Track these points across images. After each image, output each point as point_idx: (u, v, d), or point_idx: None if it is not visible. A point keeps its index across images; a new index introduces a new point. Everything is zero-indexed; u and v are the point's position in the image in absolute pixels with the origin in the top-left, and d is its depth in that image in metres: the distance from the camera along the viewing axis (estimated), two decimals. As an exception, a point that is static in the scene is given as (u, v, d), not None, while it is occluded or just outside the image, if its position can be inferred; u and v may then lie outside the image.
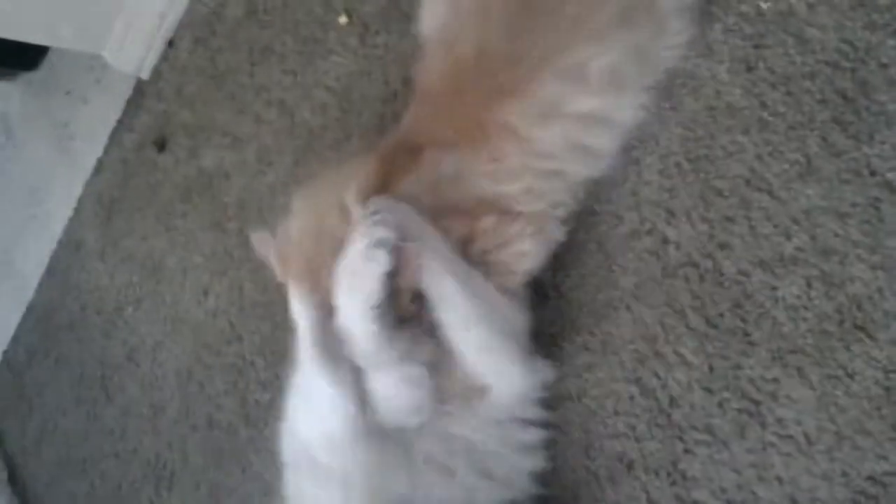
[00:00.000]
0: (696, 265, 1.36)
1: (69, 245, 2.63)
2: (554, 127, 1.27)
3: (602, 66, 1.24)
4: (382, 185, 1.27)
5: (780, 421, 1.25)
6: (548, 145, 1.28)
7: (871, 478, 1.16)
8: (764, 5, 1.36)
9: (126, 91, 2.52)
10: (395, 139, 1.42)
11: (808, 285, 1.25)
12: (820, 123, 1.28)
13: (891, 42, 1.25)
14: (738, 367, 1.29)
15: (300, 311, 1.28)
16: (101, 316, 2.45)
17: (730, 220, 1.33)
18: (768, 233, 1.30)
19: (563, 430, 1.45)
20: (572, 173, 1.35)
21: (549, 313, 1.50)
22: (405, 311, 1.25)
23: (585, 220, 1.48)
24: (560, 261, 1.49)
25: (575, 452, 1.44)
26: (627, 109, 1.34)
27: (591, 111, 1.28)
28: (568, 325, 1.48)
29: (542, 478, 1.42)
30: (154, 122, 2.42)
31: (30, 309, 2.76)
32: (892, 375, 1.17)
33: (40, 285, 2.72)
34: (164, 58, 2.43)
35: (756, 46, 1.35)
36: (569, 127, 1.28)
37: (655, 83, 1.37)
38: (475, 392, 1.30)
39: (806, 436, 1.22)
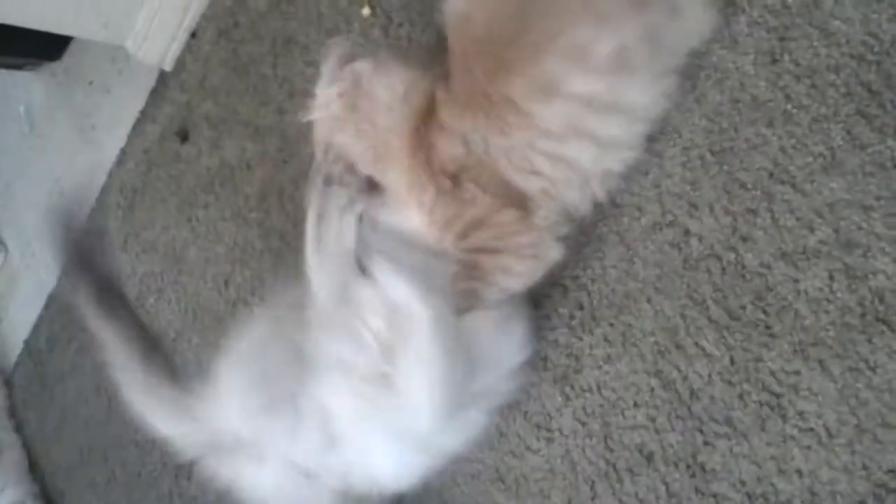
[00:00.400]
0: (718, 257, 1.35)
1: (92, 234, 2.64)
2: (555, 105, 1.24)
3: (608, 48, 1.21)
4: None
5: (800, 414, 1.24)
6: (549, 124, 1.25)
7: (891, 471, 1.16)
8: (789, -3, 1.36)
9: (149, 82, 2.53)
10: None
11: (831, 278, 1.25)
12: (844, 116, 1.27)
13: (917, 35, 1.25)
14: (760, 359, 1.29)
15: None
16: (123, 304, 2.46)
17: (753, 212, 1.33)
18: (791, 225, 1.29)
19: (582, 422, 1.45)
20: (579, 162, 1.31)
21: (570, 305, 1.50)
22: None
23: (607, 212, 1.48)
24: (581, 252, 1.49)
25: (595, 444, 1.44)
26: (638, 94, 1.30)
27: (595, 93, 1.24)
28: (588, 317, 1.48)
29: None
30: (177, 113, 2.43)
31: (51, 298, 2.78)
32: (914, 368, 1.17)
33: (62, 275, 2.73)
34: (188, 49, 2.44)
35: (781, 39, 1.35)
36: (570, 107, 1.25)
37: (675, 70, 1.35)
38: None
39: (827, 429, 1.22)
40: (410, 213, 1.35)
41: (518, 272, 1.39)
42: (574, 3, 1.22)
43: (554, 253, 1.39)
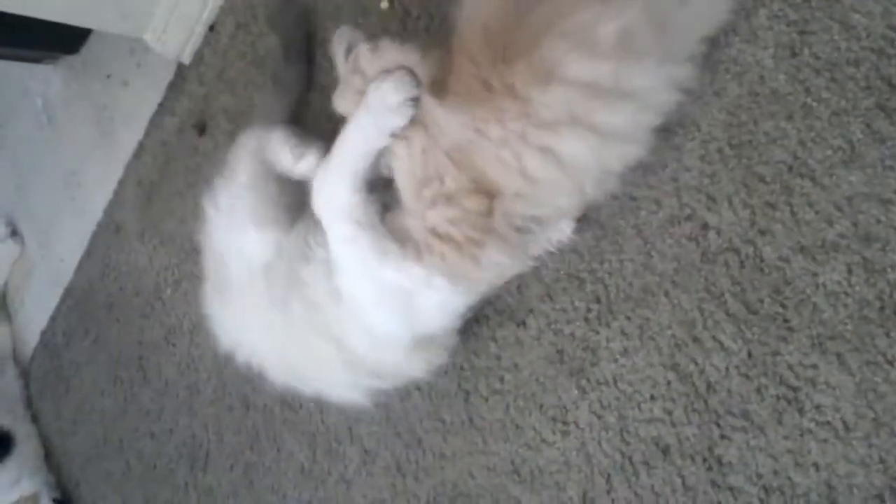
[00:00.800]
0: (736, 251, 1.35)
1: (108, 227, 2.65)
2: (553, 90, 1.21)
3: (611, 30, 1.19)
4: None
5: (818, 407, 1.24)
6: (545, 111, 1.23)
7: (909, 464, 1.16)
8: (809, -9, 1.36)
9: (167, 75, 2.53)
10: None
11: (849, 272, 1.25)
12: (864, 110, 1.27)
13: (938, 29, 1.25)
14: (777, 353, 1.29)
15: None
16: (140, 297, 2.48)
17: (771, 206, 1.33)
18: (810, 219, 1.29)
19: (598, 415, 1.46)
20: (574, 159, 1.27)
21: (586, 298, 1.50)
22: None
23: (624, 206, 1.48)
24: (598, 246, 1.50)
25: (610, 436, 1.44)
26: (644, 81, 1.26)
27: (597, 78, 1.21)
28: (605, 310, 1.48)
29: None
30: (194, 106, 2.43)
31: (68, 290, 2.79)
32: (932, 363, 1.17)
33: (79, 267, 2.75)
34: (206, 42, 2.44)
35: (801, 32, 1.35)
36: (570, 93, 1.22)
37: (688, 57, 1.32)
38: None
39: (844, 422, 1.22)
40: (397, 160, 1.35)
41: (453, 266, 1.34)
42: None
43: (522, 257, 1.43)
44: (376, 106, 1.26)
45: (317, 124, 1.99)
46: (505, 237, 1.34)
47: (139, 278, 2.49)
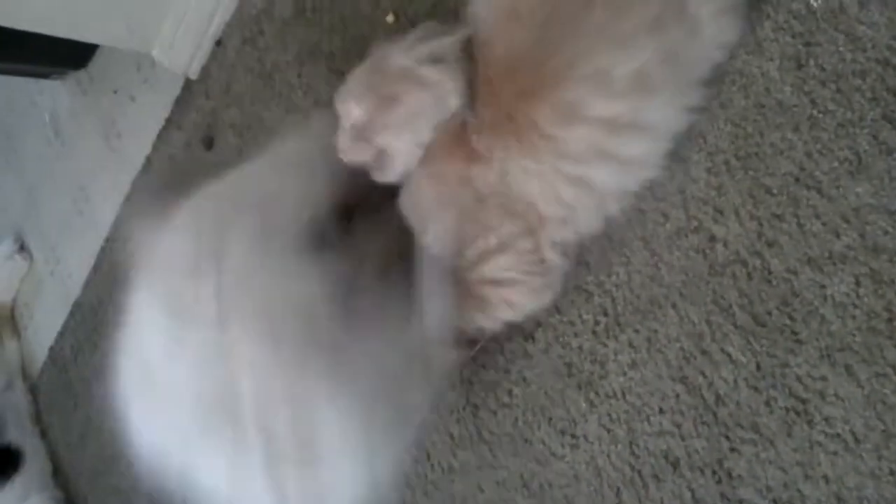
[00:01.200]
0: (743, 263, 1.35)
1: (116, 242, 2.66)
2: (577, 129, 1.26)
3: (627, 71, 1.22)
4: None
5: (827, 419, 1.24)
6: (573, 147, 1.27)
7: (920, 477, 1.16)
8: (814, 3, 1.35)
9: (174, 89, 2.54)
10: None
11: (857, 283, 1.25)
12: (870, 121, 1.27)
13: (944, 39, 1.25)
14: (786, 365, 1.29)
15: None
16: (148, 312, 2.48)
17: (778, 217, 1.33)
18: (817, 230, 1.29)
19: (607, 428, 1.45)
20: (600, 184, 1.33)
21: (594, 310, 1.50)
22: None
23: (631, 218, 1.48)
24: (606, 258, 1.50)
25: (619, 450, 1.44)
26: (659, 114, 1.31)
27: (616, 116, 1.25)
28: (612, 323, 1.48)
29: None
30: (202, 121, 2.44)
31: (77, 305, 2.79)
32: (942, 374, 1.17)
33: (87, 282, 2.76)
34: (213, 57, 2.45)
35: (806, 44, 1.35)
36: (593, 131, 1.26)
37: (698, 83, 1.35)
38: None
39: (853, 434, 1.21)
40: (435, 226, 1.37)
41: (519, 304, 1.44)
42: (593, 27, 1.23)
43: (551, 289, 1.45)
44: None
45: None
46: (555, 264, 1.42)
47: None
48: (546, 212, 1.34)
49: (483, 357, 1.62)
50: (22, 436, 2.74)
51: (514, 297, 1.41)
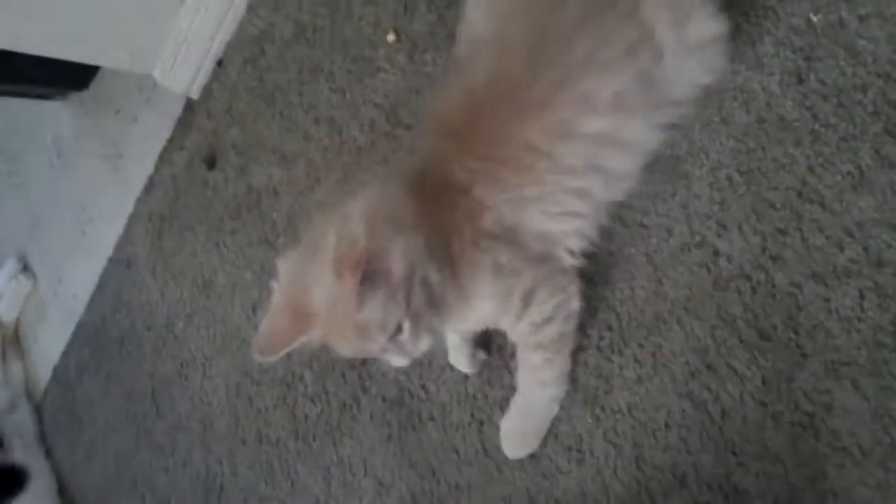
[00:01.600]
0: (748, 277, 1.36)
1: (120, 262, 2.67)
2: (572, 145, 1.29)
3: (606, 94, 1.27)
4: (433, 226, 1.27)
5: (833, 433, 1.24)
6: (571, 161, 1.30)
7: (927, 489, 1.16)
8: (814, 17, 1.37)
9: (176, 110, 2.55)
10: (419, 172, 1.39)
11: (862, 297, 1.25)
12: (872, 135, 1.28)
13: (944, 53, 1.25)
14: (792, 379, 1.29)
15: None
16: (152, 332, 2.49)
17: (782, 232, 1.33)
18: (821, 244, 1.30)
19: (614, 443, 1.45)
20: (597, 195, 1.36)
21: (599, 326, 1.51)
22: None
23: (635, 233, 1.48)
24: (609, 274, 1.50)
25: (626, 465, 1.44)
26: (637, 132, 1.34)
27: (604, 132, 1.29)
28: (617, 338, 1.49)
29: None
30: (204, 141, 2.45)
31: (80, 325, 2.80)
32: (947, 387, 1.17)
33: (91, 302, 2.76)
34: (214, 77, 2.46)
35: (807, 59, 1.36)
36: (586, 146, 1.30)
37: (678, 101, 1.37)
38: None
39: (860, 447, 1.22)
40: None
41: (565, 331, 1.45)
42: (577, 54, 1.26)
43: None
44: None
45: (325, 165, 2.00)
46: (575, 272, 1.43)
47: (151, 313, 2.50)
48: (555, 230, 1.36)
49: (488, 373, 1.62)
50: (27, 455, 2.73)
51: (552, 331, 1.41)
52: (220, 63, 2.45)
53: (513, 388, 1.56)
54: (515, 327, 1.39)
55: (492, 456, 1.61)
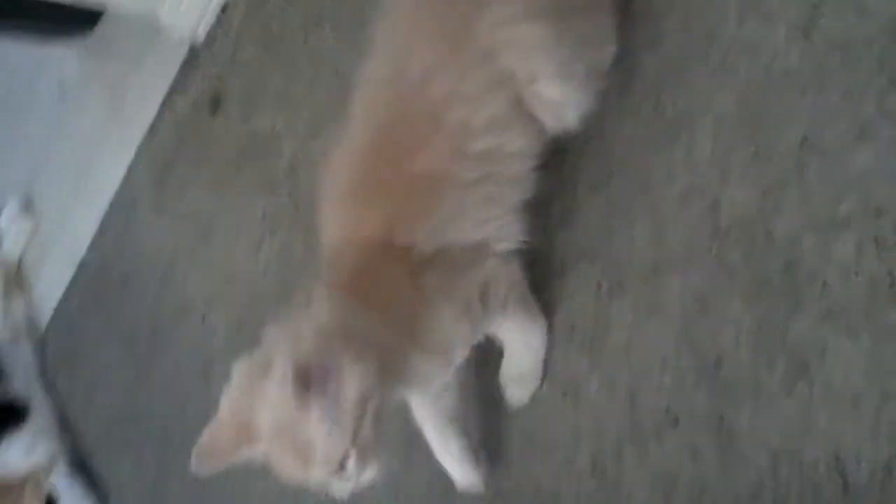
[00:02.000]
0: (747, 227, 1.37)
1: (123, 205, 2.68)
2: (470, 160, 1.36)
3: (481, 119, 1.35)
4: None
5: (827, 380, 1.26)
6: (467, 175, 1.36)
7: (917, 435, 1.18)
8: (822, -30, 1.37)
9: (180, 55, 2.55)
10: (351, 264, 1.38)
11: (860, 247, 1.26)
12: (876, 88, 1.28)
13: (950, 9, 1.26)
14: (788, 326, 1.30)
15: None
16: (153, 273, 2.50)
17: (783, 182, 1.35)
18: (821, 195, 1.31)
19: (609, 385, 1.48)
20: (503, 198, 1.43)
21: (597, 273, 1.53)
22: None
23: (636, 181, 1.50)
24: (609, 221, 1.52)
25: (621, 407, 1.46)
26: (516, 144, 1.41)
27: (490, 147, 1.37)
28: (616, 284, 1.51)
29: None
30: (207, 87, 2.46)
31: (82, 266, 2.82)
32: (941, 335, 1.18)
33: (93, 243, 2.78)
34: (218, 23, 2.46)
35: (813, 11, 1.36)
36: (479, 161, 1.37)
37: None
38: None
39: (853, 394, 1.23)
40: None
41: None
42: (437, 91, 1.34)
43: None
44: None
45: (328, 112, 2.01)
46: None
47: (152, 254, 2.51)
48: (481, 236, 1.44)
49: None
50: (28, 389, 2.75)
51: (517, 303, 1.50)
52: (224, 9, 2.45)
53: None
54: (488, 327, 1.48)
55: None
